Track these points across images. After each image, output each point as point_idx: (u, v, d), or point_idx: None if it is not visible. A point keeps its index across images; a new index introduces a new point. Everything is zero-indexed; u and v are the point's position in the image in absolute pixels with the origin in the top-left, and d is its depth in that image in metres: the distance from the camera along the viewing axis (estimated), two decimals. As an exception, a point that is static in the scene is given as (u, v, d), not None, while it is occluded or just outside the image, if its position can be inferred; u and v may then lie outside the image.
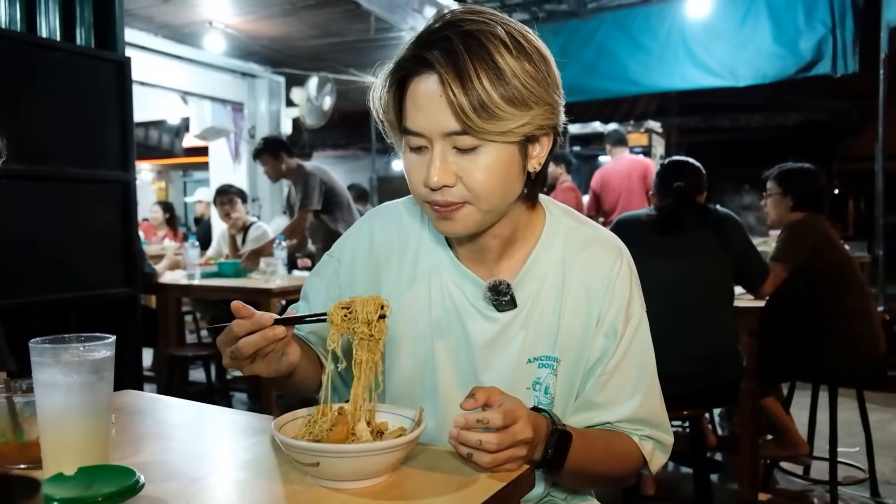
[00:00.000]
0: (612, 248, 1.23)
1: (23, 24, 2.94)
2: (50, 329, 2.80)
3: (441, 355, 1.20)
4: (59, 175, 2.99)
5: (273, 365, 1.04)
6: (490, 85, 1.01)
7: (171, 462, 1.03)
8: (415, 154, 1.09)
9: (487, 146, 1.05)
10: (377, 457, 0.90)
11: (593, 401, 1.18)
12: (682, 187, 2.83)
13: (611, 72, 7.50)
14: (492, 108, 1.01)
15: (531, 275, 1.20)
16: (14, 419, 0.98)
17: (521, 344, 1.18)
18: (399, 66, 1.09)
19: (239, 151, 8.83)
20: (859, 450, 3.50)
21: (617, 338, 1.18)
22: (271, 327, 1.00)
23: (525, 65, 1.04)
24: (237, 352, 1.00)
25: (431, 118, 1.04)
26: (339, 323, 1.02)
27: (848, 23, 6.31)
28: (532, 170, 1.13)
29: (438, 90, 1.03)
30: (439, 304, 1.21)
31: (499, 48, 1.02)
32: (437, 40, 1.04)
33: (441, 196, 1.07)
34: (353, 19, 6.20)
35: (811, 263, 3.08)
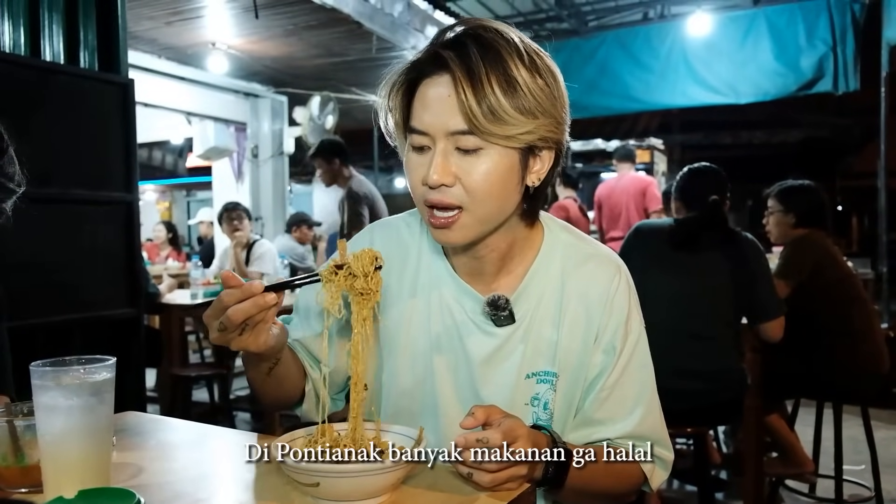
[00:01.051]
0: (611, 264, 1.23)
1: (27, 48, 2.96)
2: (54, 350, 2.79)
3: (440, 371, 1.20)
4: (64, 197, 3.00)
5: (262, 337, 1.03)
6: (501, 93, 1.03)
7: (173, 484, 1.03)
8: (416, 154, 1.10)
9: (489, 150, 1.06)
10: (377, 476, 0.90)
11: (593, 417, 1.19)
12: (717, 202, 2.75)
13: (612, 89, 7.53)
14: (500, 113, 1.03)
15: (530, 290, 1.20)
16: (15, 442, 0.98)
17: (519, 359, 1.18)
18: (413, 66, 1.11)
19: (242, 171, 8.87)
20: (865, 468, 3.47)
21: (616, 354, 1.18)
22: (262, 294, 0.99)
23: (537, 79, 1.06)
24: (227, 321, 0.98)
25: (437, 117, 1.06)
26: (337, 280, 1.01)
27: (849, 41, 6.33)
28: (531, 184, 1.13)
29: (448, 90, 1.05)
30: (438, 320, 1.21)
31: (514, 59, 1.05)
32: (454, 44, 1.07)
33: (439, 195, 1.08)
34: (354, 39, 6.24)
35: (814, 280, 3.07)
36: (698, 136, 11.38)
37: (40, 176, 2.91)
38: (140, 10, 5.55)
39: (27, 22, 2.96)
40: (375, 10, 5.85)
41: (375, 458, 0.95)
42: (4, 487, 0.99)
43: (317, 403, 1.26)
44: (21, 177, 1.24)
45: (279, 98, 8.75)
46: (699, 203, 2.80)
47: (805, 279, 3.08)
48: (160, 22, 6.01)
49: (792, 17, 6.71)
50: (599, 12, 8.27)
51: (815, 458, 3.46)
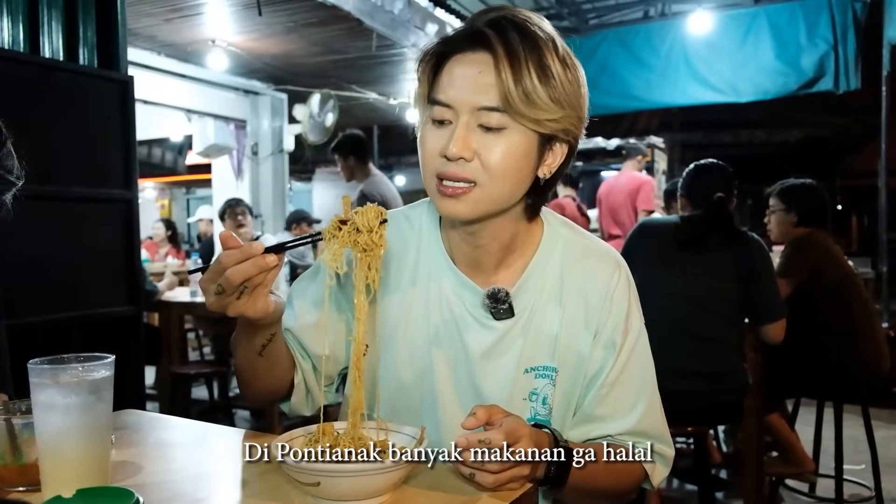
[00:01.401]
0: (610, 260, 1.23)
1: (26, 45, 2.95)
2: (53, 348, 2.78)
3: (439, 365, 1.20)
4: (63, 195, 2.99)
5: (260, 301, 1.01)
6: (537, 78, 1.05)
7: (172, 483, 1.03)
8: (435, 127, 1.10)
9: (512, 131, 1.07)
10: (378, 476, 0.90)
11: (593, 414, 1.18)
12: (722, 199, 2.74)
13: (612, 88, 7.51)
14: (533, 97, 1.05)
15: (529, 284, 1.20)
16: (13, 441, 0.98)
17: (518, 354, 1.18)
18: (447, 40, 1.12)
19: (242, 168, 8.85)
20: (865, 467, 3.47)
21: (616, 350, 1.18)
22: (262, 255, 0.98)
23: (567, 72, 1.09)
24: (225, 283, 0.97)
25: (465, 92, 1.07)
26: (341, 235, 1.01)
27: (850, 40, 6.32)
28: (542, 175, 1.14)
29: (481, 67, 1.07)
30: (437, 313, 1.21)
31: (549, 49, 1.08)
32: (493, 25, 1.09)
33: (455, 168, 1.08)
34: (355, 37, 6.23)
35: (815, 279, 3.07)
36: (698, 134, 11.38)
37: (39, 173, 2.90)
38: (139, 7, 5.53)
39: (26, 18, 2.95)
40: (375, 8, 5.84)
41: (376, 457, 0.94)
42: (2, 486, 0.98)
43: (306, 396, 1.25)
44: (20, 170, 1.23)
45: (279, 95, 8.73)
46: (704, 200, 2.77)
47: (806, 278, 3.07)
48: (160, 19, 5.99)
49: (793, 16, 6.70)
50: (600, 10, 8.26)
51: (815, 458, 3.46)
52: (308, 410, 1.27)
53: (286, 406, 1.26)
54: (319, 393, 1.26)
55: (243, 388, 1.25)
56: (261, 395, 1.24)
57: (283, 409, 1.27)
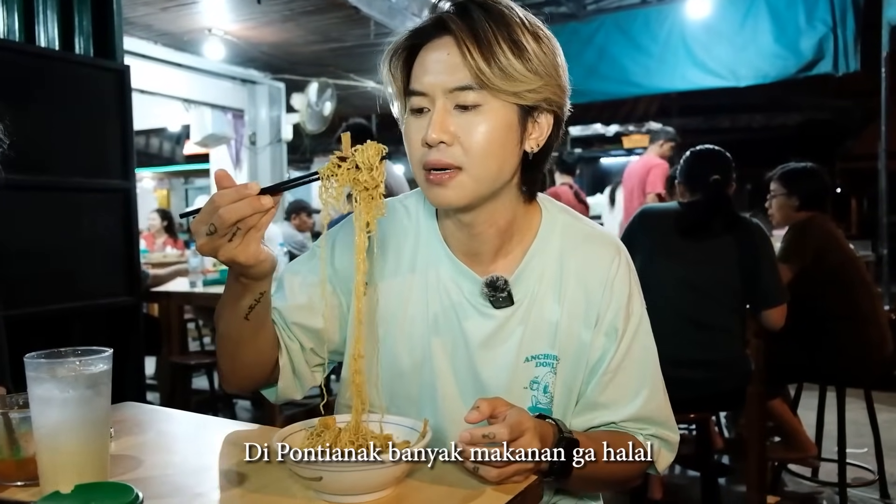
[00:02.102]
0: (610, 245, 1.22)
1: (21, 34, 2.92)
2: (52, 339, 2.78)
3: (438, 353, 1.18)
4: (60, 185, 2.97)
5: (253, 246, 0.99)
6: (511, 53, 1.05)
7: (172, 477, 1.02)
8: (415, 118, 1.10)
9: (489, 107, 1.06)
10: (381, 470, 0.88)
11: (596, 401, 1.17)
12: (718, 181, 2.72)
13: (611, 74, 7.48)
14: (508, 70, 1.05)
15: (529, 271, 1.19)
16: (10, 435, 0.96)
17: (518, 342, 1.17)
18: (414, 33, 1.12)
19: (240, 158, 8.83)
20: (868, 451, 3.47)
21: (618, 337, 1.17)
22: (257, 195, 0.96)
23: (541, 44, 1.09)
24: (218, 222, 0.94)
25: (436, 76, 1.07)
26: (341, 173, 0.99)
27: (849, 22, 6.29)
28: (529, 149, 1.13)
29: (448, 50, 1.07)
30: (436, 301, 1.19)
31: (519, 25, 1.08)
32: (456, 10, 1.09)
33: (437, 154, 1.07)
34: (352, 25, 6.19)
35: (817, 264, 3.06)
36: (698, 120, 11.34)
37: (36, 163, 2.91)
38: (135, -4, 5.50)
39: (21, 8, 2.93)
40: (373, -5, 5.80)
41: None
42: (0, 481, 0.97)
43: (294, 378, 1.22)
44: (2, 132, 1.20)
45: (276, 85, 8.70)
46: (702, 185, 2.76)
47: (808, 263, 3.06)
48: (156, 7, 5.96)
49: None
50: (598, -5, 8.20)
51: (817, 443, 3.46)
52: (298, 394, 1.23)
53: (272, 394, 1.23)
54: (309, 374, 1.24)
55: (224, 365, 1.18)
56: (243, 373, 1.19)
57: (268, 398, 1.23)
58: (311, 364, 1.24)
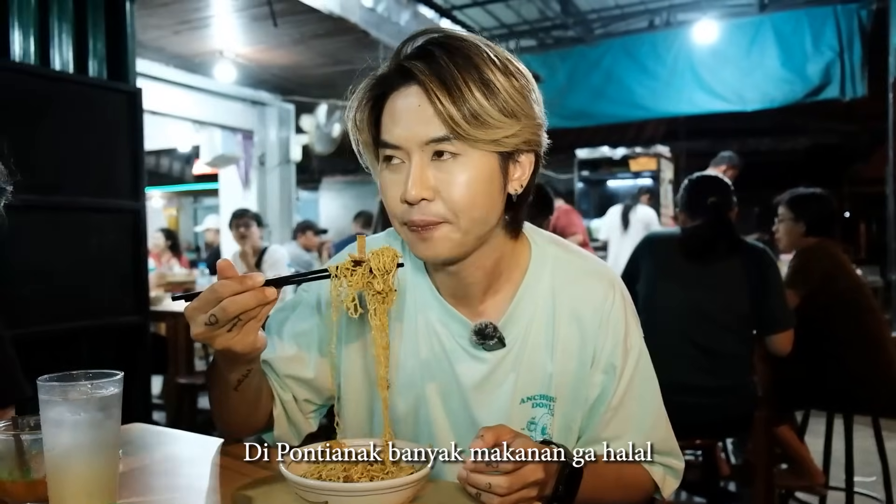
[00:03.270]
0: (603, 279, 1.18)
1: (36, 57, 2.97)
2: (61, 357, 2.79)
3: (433, 399, 1.17)
4: (71, 205, 3.01)
5: (251, 336, 0.96)
6: (481, 95, 1.00)
7: (180, 500, 1.03)
8: (390, 172, 1.06)
9: (468, 157, 1.02)
10: (387, 495, 0.89)
11: (599, 436, 1.16)
12: (716, 203, 2.74)
13: (618, 97, 7.52)
14: (483, 117, 1.00)
15: (519, 312, 1.15)
16: (21, 457, 0.97)
17: (512, 384, 1.14)
18: (378, 81, 1.08)
19: (249, 178, 8.89)
20: (876, 479, 3.44)
21: (617, 374, 1.15)
22: (261, 288, 0.93)
23: (513, 81, 1.03)
24: (221, 314, 0.91)
25: (410, 128, 1.02)
26: (355, 277, 0.97)
27: (856, 47, 6.33)
28: (513, 192, 1.09)
29: (419, 100, 1.01)
30: (426, 345, 1.17)
31: (486, 63, 1.02)
32: (418, 53, 1.04)
33: (419, 214, 1.03)
34: (361, 48, 6.25)
35: (824, 290, 3.05)
36: (705, 143, 11.32)
37: (48, 184, 2.95)
38: (148, 19, 5.57)
39: (37, 31, 2.98)
40: (382, 20, 5.87)
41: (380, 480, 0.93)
42: (10, 502, 0.98)
43: (289, 427, 1.23)
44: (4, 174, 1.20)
45: (286, 106, 8.77)
46: (702, 209, 2.77)
47: (815, 289, 3.05)
48: (168, 31, 6.04)
49: (798, 24, 6.71)
50: (605, 20, 8.27)
51: (825, 470, 3.43)
52: (295, 441, 1.24)
53: (269, 437, 1.24)
54: (304, 421, 1.24)
55: (219, 423, 1.22)
56: (237, 429, 1.22)
57: (267, 440, 1.24)
58: (306, 412, 1.25)
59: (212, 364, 1.15)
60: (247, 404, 1.15)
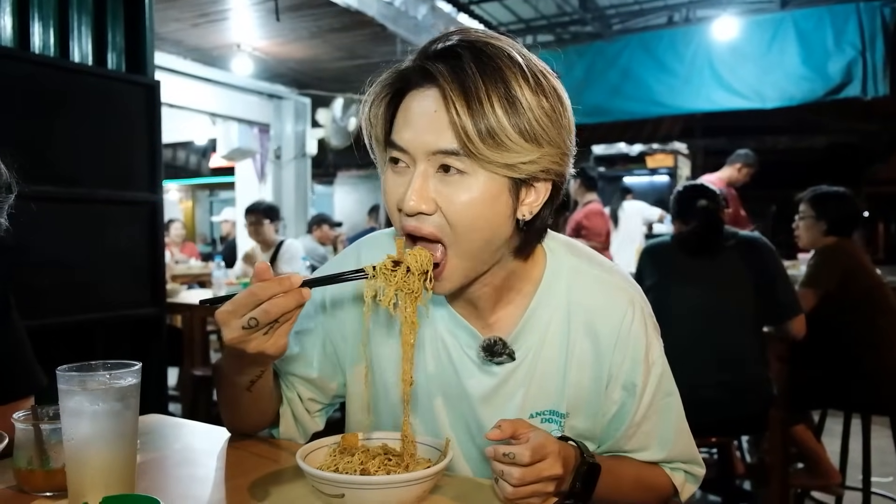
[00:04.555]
0: (622, 294, 1.12)
1: (56, 50, 2.99)
2: (77, 349, 2.80)
3: (440, 411, 1.15)
4: (89, 197, 3.02)
5: (283, 340, 0.95)
6: (502, 112, 0.92)
7: (197, 490, 1.03)
8: (394, 173, 1.01)
9: (475, 176, 0.95)
10: (403, 488, 0.89)
11: (622, 448, 1.16)
12: (705, 206, 2.77)
13: (636, 93, 7.47)
14: (500, 137, 0.92)
15: (531, 325, 1.11)
16: (40, 446, 0.98)
17: (521, 399, 1.11)
18: (399, 76, 1.01)
19: (265, 172, 8.91)
20: (893, 480, 3.41)
21: (638, 392, 1.11)
22: (299, 289, 0.91)
23: (542, 100, 0.95)
24: (263, 316, 0.90)
25: (420, 134, 0.96)
26: (396, 277, 0.97)
27: (878, 45, 6.25)
28: (521, 217, 1.01)
29: (435, 106, 0.95)
30: (433, 358, 1.14)
31: (516, 76, 0.94)
32: (445, 54, 0.97)
33: (416, 223, 0.98)
34: (378, 41, 6.25)
35: (843, 289, 3.02)
36: (722, 140, 11.24)
37: (67, 176, 2.96)
38: (167, 12, 5.60)
39: (56, 24, 2.99)
40: (399, 13, 5.86)
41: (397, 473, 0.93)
42: (29, 491, 0.99)
43: (296, 425, 1.23)
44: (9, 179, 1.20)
45: (302, 100, 8.79)
46: (693, 213, 2.81)
47: (833, 288, 3.03)
48: (186, 24, 6.06)
49: (820, 21, 6.63)
50: (623, 16, 8.22)
51: (841, 470, 3.40)
52: (301, 438, 1.25)
53: (276, 432, 1.24)
54: (310, 420, 1.24)
55: (227, 421, 1.22)
56: (247, 428, 1.22)
57: (274, 435, 1.25)
58: (312, 411, 1.25)
59: (217, 367, 1.14)
60: (259, 404, 1.15)
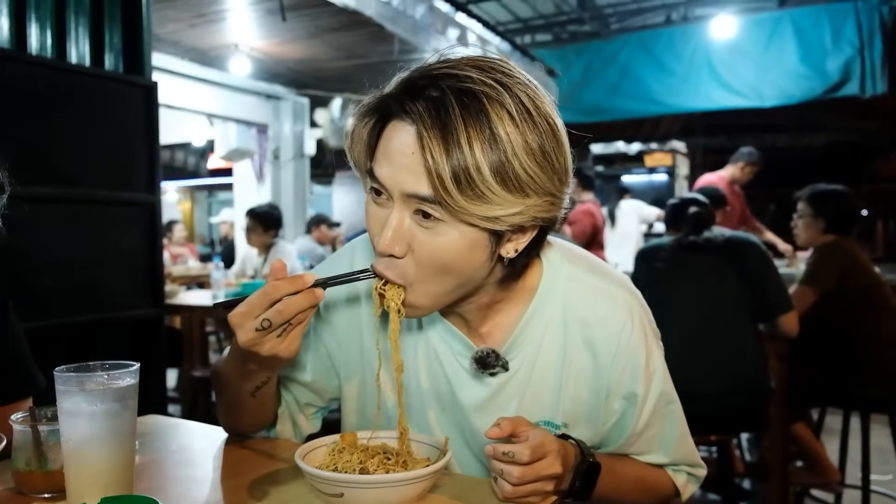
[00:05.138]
0: (621, 304, 1.08)
1: (53, 51, 2.98)
2: (77, 350, 2.80)
3: (434, 420, 1.14)
4: (87, 198, 3.02)
5: (296, 342, 0.93)
6: (482, 154, 0.84)
7: (196, 491, 1.03)
8: (375, 203, 0.96)
9: (454, 224, 0.89)
10: (402, 487, 0.89)
11: (626, 452, 1.15)
12: (697, 213, 2.80)
13: (634, 92, 7.49)
14: (478, 186, 0.85)
15: (526, 335, 1.08)
16: (38, 447, 0.98)
17: (515, 410, 1.09)
18: (382, 102, 0.95)
19: (263, 172, 8.90)
20: (892, 478, 3.42)
21: (639, 401, 1.09)
22: (312, 290, 0.89)
23: (529, 138, 0.87)
24: (276, 317, 0.88)
25: (398, 173, 0.90)
26: None
27: (876, 43, 6.26)
28: (506, 254, 0.96)
29: (413, 147, 0.87)
30: (426, 367, 1.12)
31: (500, 112, 0.86)
32: (427, 88, 0.89)
33: (383, 267, 0.94)
34: (376, 41, 6.24)
35: (842, 287, 3.02)
36: (721, 139, 11.24)
37: (66, 177, 2.95)
38: (164, 13, 5.59)
39: (53, 24, 2.98)
40: (397, 13, 5.85)
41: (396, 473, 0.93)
42: (28, 492, 0.99)
43: (293, 426, 1.23)
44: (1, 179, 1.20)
45: (301, 100, 8.78)
46: (684, 221, 2.83)
47: (832, 287, 3.03)
48: (184, 24, 6.05)
49: (818, 20, 6.64)
50: (622, 15, 8.23)
51: (841, 468, 3.40)
52: (297, 439, 1.24)
53: (272, 433, 1.24)
54: (306, 423, 1.24)
55: (224, 423, 1.22)
56: (243, 430, 1.22)
57: (269, 434, 1.25)
58: (308, 414, 1.25)
59: (217, 371, 1.14)
60: (261, 409, 1.15)
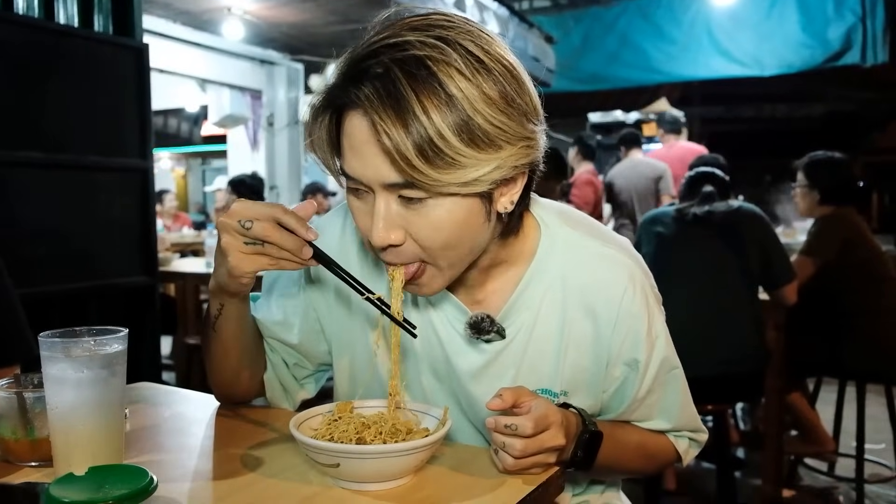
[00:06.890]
0: (621, 268, 1.04)
1: (41, 11, 2.91)
2: (69, 318, 2.78)
3: (430, 388, 1.11)
4: (78, 163, 2.97)
5: (251, 265, 0.91)
6: (441, 119, 0.81)
7: (188, 460, 1.00)
8: (357, 199, 0.93)
9: (438, 199, 0.87)
10: (400, 458, 0.86)
11: (628, 419, 1.13)
12: (712, 192, 2.78)
13: (633, 60, 7.42)
14: (446, 153, 0.81)
15: (523, 301, 1.05)
16: (24, 415, 0.95)
17: (512, 379, 1.05)
18: (331, 95, 0.90)
19: (257, 139, 8.83)
20: (886, 447, 3.43)
21: (641, 367, 1.06)
22: (305, 245, 0.88)
23: (486, 88, 0.83)
24: (257, 230, 0.87)
25: (368, 164, 0.86)
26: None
27: (879, 12, 6.20)
28: (503, 209, 0.94)
29: (371, 134, 0.84)
30: (419, 331, 1.05)
31: (448, 71, 0.82)
32: (370, 68, 0.84)
33: (392, 256, 0.92)
34: (372, 5, 6.09)
35: (842, 259, 3.00)
36: (719, 108, 11.18)
37: (54, 142, 2.90)
38: (155, -26, 5.49)
39: (41, -16, 2.91)
40: (394, -24, 5.76)
41: (394, 443, 0.90)
42: (14, 461, 0.96)
43: (283, 391, 1.21)
44: None
45: (295, 66, 8.68)
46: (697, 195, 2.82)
47: (832, 257, 3.01)
48: (176, -14, 5.95)
49: (820, -13, 6.57)
50: (621, -20, 8.11)
51: (835, 437, 3.42)
52: (289, 406, 1.22)
53: (264, 401, 1.22)
54: (297, 387, 1.22)
55: (210, 381, 1.19)
56: (227, 388, 1.19)
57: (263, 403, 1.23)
58: (299, 377, 1.21)
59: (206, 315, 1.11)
60: (226, 352, 1.11)
